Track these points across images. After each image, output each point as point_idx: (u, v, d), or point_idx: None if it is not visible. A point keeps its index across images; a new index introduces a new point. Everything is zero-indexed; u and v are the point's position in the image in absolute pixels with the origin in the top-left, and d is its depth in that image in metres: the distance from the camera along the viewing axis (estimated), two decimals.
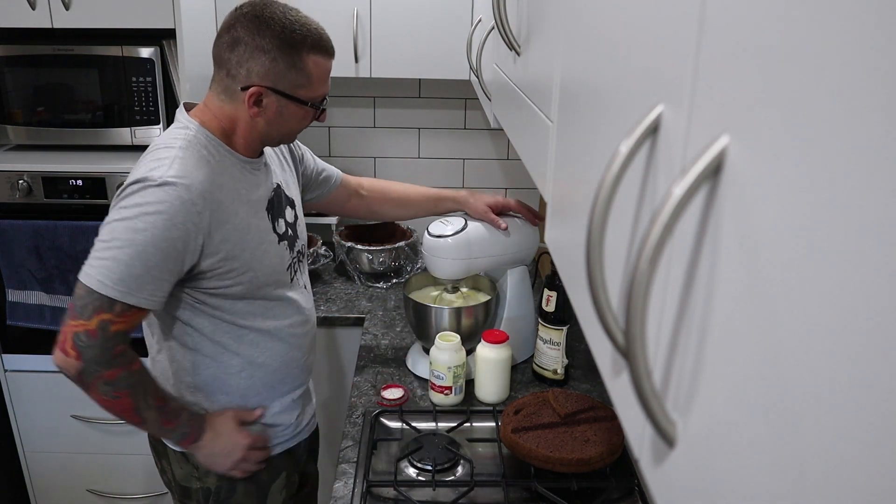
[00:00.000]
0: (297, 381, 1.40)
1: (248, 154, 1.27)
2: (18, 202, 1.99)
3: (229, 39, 1.17)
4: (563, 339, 1.61)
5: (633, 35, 0.47)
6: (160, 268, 1.12)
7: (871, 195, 0.22)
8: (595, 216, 0.40)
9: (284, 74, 1.18)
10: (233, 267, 1.21)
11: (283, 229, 1.33)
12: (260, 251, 1.25)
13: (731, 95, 0.32)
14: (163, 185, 1.10)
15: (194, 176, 1.13)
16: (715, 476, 0.33)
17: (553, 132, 0.76)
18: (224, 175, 1.20)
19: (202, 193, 1.13)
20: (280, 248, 1.31)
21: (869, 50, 0.22)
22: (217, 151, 1.21)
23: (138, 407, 1.19)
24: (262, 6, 1.18)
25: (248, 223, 1.23)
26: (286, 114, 1.22)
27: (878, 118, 0.21)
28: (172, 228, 1.11)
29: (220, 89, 1.22)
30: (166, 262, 1.12)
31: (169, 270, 1.13)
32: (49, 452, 2.22)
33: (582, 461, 1.26)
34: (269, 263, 1.28)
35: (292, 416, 1.41)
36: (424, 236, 1.63)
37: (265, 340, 1.31)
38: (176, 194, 1.11)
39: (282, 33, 1.16)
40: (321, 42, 1.21)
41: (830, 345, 0.24)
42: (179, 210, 1.11)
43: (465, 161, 2.50)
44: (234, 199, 1.20)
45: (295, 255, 1.37)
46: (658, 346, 0.41)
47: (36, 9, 1.87)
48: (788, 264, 0.27)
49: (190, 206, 1.12)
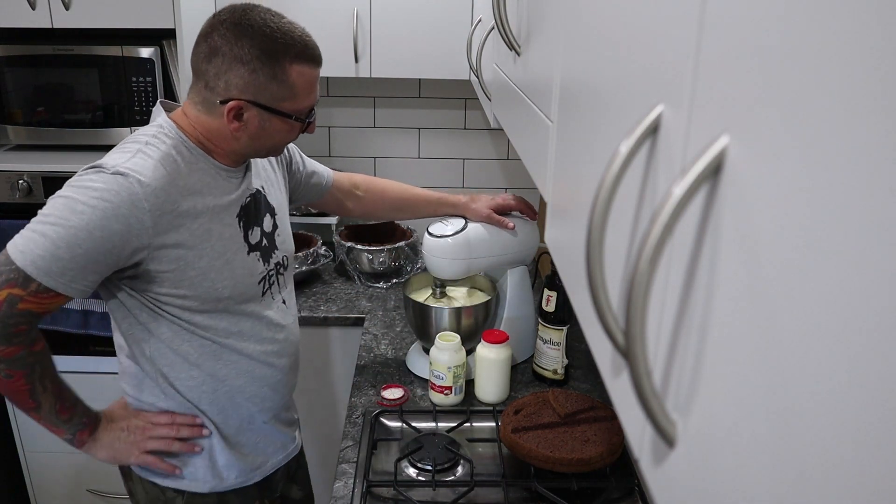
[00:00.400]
0: (268, 403, 1.31)
1: (226, 163, 1.20)
2: (18, 202, 1.99)
3: (207, 49, 1.10)
4: (563, 339, 1.61)
5: (633, 35, 0.47)
6: (88, 257, 1.03)
7: (870, 195, 0.22)
8: (595, 216, 0.40)
9: (266, 87, 1.10)
10: (186, 275, 1.13)
11: (256, 239, 1.25)
12: (221, 261, 1.17)
13: (731, 95, 0.32)
14: (116, 174, 1.04)
15: (151, 173, 1.07)
16: (715, 476, 0.33)
17: (553, 132, 0.76)
18: (191, 178, 1.13)
19: (155, 191, 1.06)
20: (250, 260, 1.23)
21: (869, 50, 0.22)
22: (190, 154, 1.15)
23: (33, 390, 1.11)
24: (242, 12, 1.10)
25: (209, 230, 1.15)
26: (269, 128, 1.15)
27: (878, 118, 0.21)
28: (113, 220, 1.03)
29: (198, 100, 1.15)
30: (97, 253, 1.04)
31: (97, 262, 1.05)
32: (49, 452, 2.22)
33: (582, 461, 1.26)
34: (233, 275, 1.19)
35: (254, 438, 1.32)
36: (424, 236, 1.63)
37: (228, 354, 1.23)
38: (126, 185, 1.04)
39: (262, 42, 1.08)
40: (306, 50, 1.13)
41: (830, 344, 0.24)
42: (125, 202, 1.04)
43: (465, 161, 2.50)
44: (196, 204, 1.13)
45: (271, 267, 1.29)
46: (658, 346, 0.41)
47: (36, 9, 1.87)
48: (788, 264, 0.27)
49: (138, 201, 1.05)
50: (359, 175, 1.62)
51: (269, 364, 1.29)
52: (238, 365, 1.25)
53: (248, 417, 1.29)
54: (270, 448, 1.35)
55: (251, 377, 1.27)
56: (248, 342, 1.25)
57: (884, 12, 0.21)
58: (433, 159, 2.50)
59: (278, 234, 1.31)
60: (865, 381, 0.22)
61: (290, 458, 1.41)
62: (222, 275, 1.17)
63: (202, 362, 1.21)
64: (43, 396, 1.12)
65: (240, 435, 1.29)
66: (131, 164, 1.06)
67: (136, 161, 1.07)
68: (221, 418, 1.26)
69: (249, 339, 1.25)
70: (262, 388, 1.29)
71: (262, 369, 1.28)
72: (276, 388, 1.31)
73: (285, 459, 1.39)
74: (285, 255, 1.34)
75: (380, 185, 1.63)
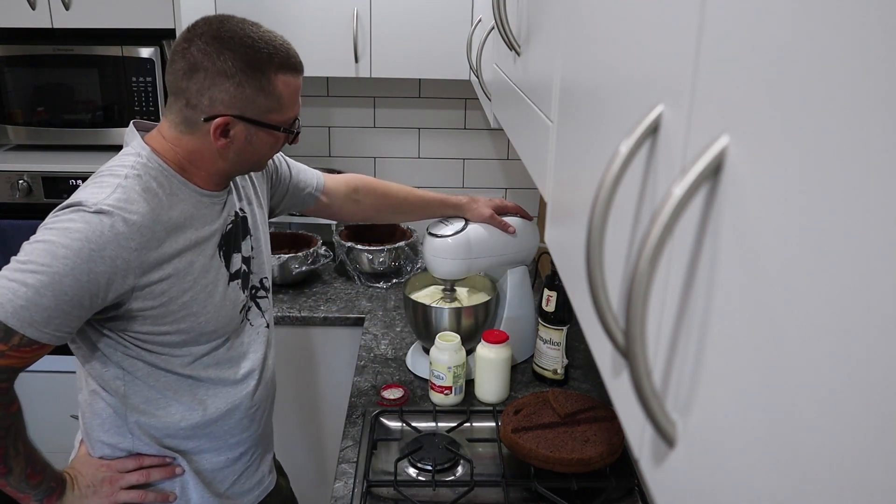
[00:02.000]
0: (245, 434, 1.26)
1: (208, 187, 1.14)
2: (18, 202, 1.99)
3: (185, 66, 1.04)
4: (563, 339, 1.61)
5: (633, 35, 0.47)
6: (73, 302, 0.98)
7: (870, 195, 0.22)
8: (595, 216, 0.40)
9: (253, 100, 1.05)
10: (169, 311, 1.08)
11: (237, 266, 1.20)
12: (204, 294, 1.12)
13: (731, 95, 0.32)
14: (98, 212, 0.99)
15: (135, 208, 1.02)
16: (715, 476, 0.33)
17: (553, 132, 0.76)
18: (173, 210, 1.08)
19: (140, 229, 1.01)
20: (231, 290, 1.18)
21: (869, 50, 0.22)
22: (169, 183, 1.09)
23: (6, 454, 1.04)
24: (219, 24, 1.05)
25: (192, 263, 1.10)
26: (256, 142, 1.10)
27: (878, 118, 0.21)
28: (98, 261, 0.98)
29: (178, 120, 1.08)
30: (82, 298, 0.99)
31: (82, 306, 1.00)
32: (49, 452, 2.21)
33: (582, 461, 1.26)
34: (215, 307, 1.14)
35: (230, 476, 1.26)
36: (425, 236, 1.63)
37: (206, 388, 1.19)
38: (110, 224, 0.99)
39: (245, 54, 1.03)
40: (289, 59, 1.08)
41: (830, 344, 0.24)
42: (110, 242, 0.99)
43: (465, 161, 2.50)
44: (179, 238, 1.08)
45: (249, 292, 1.24)
46: (658, 346, 0.41)
47: (36, 9, 1.87)
48: (788, 264, 0.27)
49: (124, 240, 1.00)
50: (356, 178, 1.56)
51: (246, 395, 1.24)
52: (217, 398, 1.20)
53: (224, 450, 1.24)
54: (247, 484, 1.30)
55: (229, 408, 1.22)
56: (226, 372, 1.20)
57: (884, 12, 0.21)
58: (433, 159, 2.50)
59: (254, 257, 1.26)
60: (866, 381, 0.22)
61: (266, 493, 1.35)
62: (205, 308, 1.13)
63: (179, 397, 1.16)
64: (14, 461, 1.05)
65: (215, 471, 1.24)
66: (113, 199, 1.01)
67: (118, 196, 1.01)
68: (196, 453, 1.21)
69: (227, 370, 1.21)
70: (240, 419, 1.24)
71: (239, 399, 1.23)
72: (253, 418, 1.27)
73: (261, 496, 1.33)
74: (263, 278, 1.29)
75: (380, 189, 1.58)
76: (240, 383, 1.23)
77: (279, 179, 1.40)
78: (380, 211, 1.59)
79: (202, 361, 1.17)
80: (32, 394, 2.16)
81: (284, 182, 1.41)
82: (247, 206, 1.26)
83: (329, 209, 1.51)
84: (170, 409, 1.17)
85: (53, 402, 2.14)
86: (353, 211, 1.55)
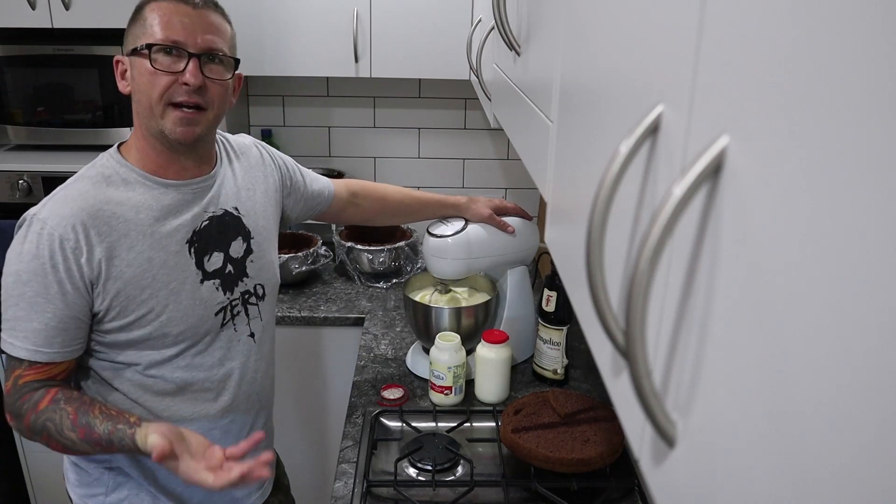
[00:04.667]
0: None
1: (168, 173, 1.12)
2: (18, 202, 1.99)
3: None
4: (563, 339, 1.61)
5: (633, 35, 0.47)
6: (60, 317, 1.03)
7: (871, 195, 0.22)
8: (595, 216, 0.40)
9: (130, 33, 1.09)
10: (129, 310, 1.08)
11: (217, 265, 1.16)
12: (166, 292, 1.10)
13: (731, 95, 0.32)
14: (32, 224, 1.03)
15: (70, 206, 1.03)
16: (715, 476, 0.33)
17: (553, 132, 0.76)
18: (124, 205, 1.07)
19: (74, 227, 1.03)
20: (205, 289, 1.14)
21: (869, 49, 0.22)
22: (126, 177, 1.10)
23: (66, 446, 1.06)
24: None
25: (150, 258, 1.08)
26: (137, 77, 1.08)
27: (879, 117, 0.21)
28: (54, 272, 1.02)
29: None
30: (67, 308, 1.03)
31: (74, 318, 1.04)
32: (49, 452, 2.22)
33: (582, 461, 1.26)
34: (182, 308, 1.12)
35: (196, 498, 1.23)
36: (425, 236, 1.63)
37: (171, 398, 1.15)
38: (46, 234, 1.02)
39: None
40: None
41: (831, 344, 0.24)
42: (56, 250, 1.02)
43: (465, 161, 2.50)
44: (133, 230, 1.07)
45: (236, 296, 1.20)
46: (658, 346, 0.41)
47: (36, 9, 1.87)
48: (788, 264, 0.27)
49: (64, 242, 1.02)
50: (355, 182, 1.57)
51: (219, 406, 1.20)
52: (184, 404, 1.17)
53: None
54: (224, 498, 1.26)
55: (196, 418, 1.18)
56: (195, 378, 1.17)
57: (884, 12, 0.21)
58: (433, 159, 2.50)
59: (252, 261, 1.23)
60: (866, 380, 0.22)
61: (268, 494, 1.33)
62: (168, 308, 1.10)
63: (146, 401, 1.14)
64: (80, 445, 1.05)
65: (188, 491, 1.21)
66: (49, 206, 1.04)
67: (55, 200, 1.05)
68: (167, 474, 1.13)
69: (198, 376, 1.17)
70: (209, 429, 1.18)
71: (208, 409, 1.19)
72: (227, 430, 1.22)
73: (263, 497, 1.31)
74: (259, 284, 1.25)
75: (379, 192, 1.58)
76: (209, 392, 1.19)
77: (294, 187, 1.40)
78: (379, 213, 1.59)
79: (171, 364, 1.14)
80: None
81: (299, 190, 1.41)
82: (247, 208, 1.23)
83: (331, 213, 1.52)
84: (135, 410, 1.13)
85: None
86: (353, 214, 1.55)
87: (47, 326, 1.03)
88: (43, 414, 1.05)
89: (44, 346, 1.04)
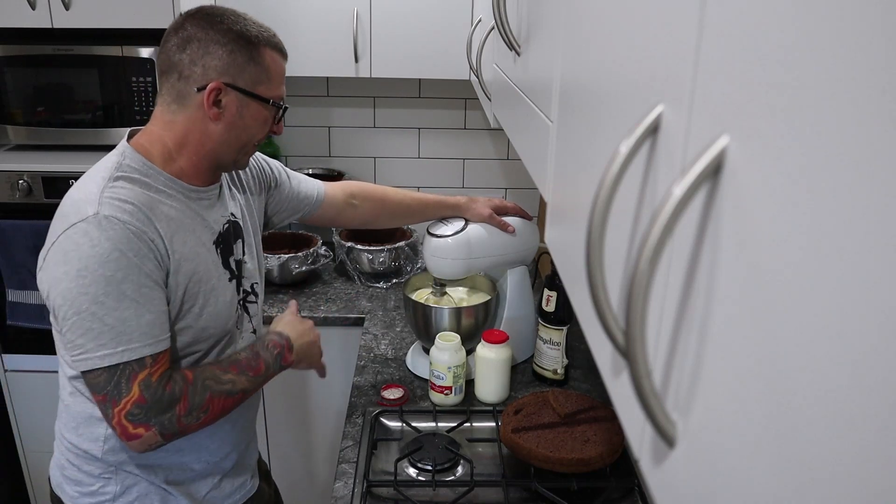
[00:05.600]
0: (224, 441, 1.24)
1: (196, 181, 1.13)
2: (18, 202, 1.99)
3: (178, 40, 1.07)
4: (563, 339, 1.61)
5: (633, 35, 0.47)
6: (164, 300, 1.04)
7: (871, 195, 0.22)
8: (595, 216, 0.40)
9: (244, 68, 1.07)
10: (190, 306, 1.10)
11: (233, 266, 1.21)
12: (208, 287, 1.13)
13: (731, 95, 0.32)
14: (101, 224, 0.99)
15: (131, 202, 1.02)
16: (715, 476, 0.33)
17: (553, 132, 0.76)
18: (165, 204, 1.08)
19: (144, 220, 1.02)
20: (230, 288, 1.19)
21: (869, 49, 0.22)
22: (155, 179, 1.09)
23: (229, 392, 1.10)
24: (211, 8, 1.10)
25: (198, 253, 1.11)
26: (247, 116, 1.10)
27: (879, 117, 0.21)
28: (143, 262, 1.01)
29: (170, 99, 1.09)
30: (164, 293, 1.04)
31: (162, 299, 1.05)
32: (49, 452, 2.22)
33: (582, 461, 1.26)
34: (219, 304, 1.15)
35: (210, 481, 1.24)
36: (424, 236, 1.63)
37: None
38: (121, 229, 1.00)
39: (236, 28, 1.07)
40: (276, 40, 1.13)
41: (831, 345, 0.24)
42: (137, 243, 1.01)
43: (465, 161, 2.50)
44: (181, 227, 1.08)
45: (240, 296, 1.23)
46: (658, 346, 0.41)
47: (36, 9, 1.87)
48: (788, 264, 0.27)
49: (142, 234, 1.01)
50: (353, 183, 1.57)
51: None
52: None
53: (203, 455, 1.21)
54: (227, 489, 1.27)
55: None
56: None
57: (884, 12, 0.21)
58: (433, 159, 2.50)
59: (246, 262, 1.26)
60: (866, 380, 0.22)
61: (247, 498, 1.32)
62: (209, 302, 1.13)
63: None
64: (240, 383, 1.11)
65: (194, 477, 1.22)
66: (106, 204, 1.01)
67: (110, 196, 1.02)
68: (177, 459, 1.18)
69: None
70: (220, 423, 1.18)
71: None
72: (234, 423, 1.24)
73: (242, 499, 1.31)
74: (253, 283, 1.28)
75: (378, 193, 1.57)
76: None
77: (278, 189, 1.40)
78: (378, 216, 1.58)
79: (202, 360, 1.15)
80: (32, 394, 2.16)
81: (283, 191, 1.41)
82: (240, 211, 1.26)
83: (327, 216, 1.51)
84: None
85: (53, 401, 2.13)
86: (351, 216, 1.54)
87: (159, 313, 1.03)
88: (197, 381, 1.07)
89: (161, 334, 1.04)
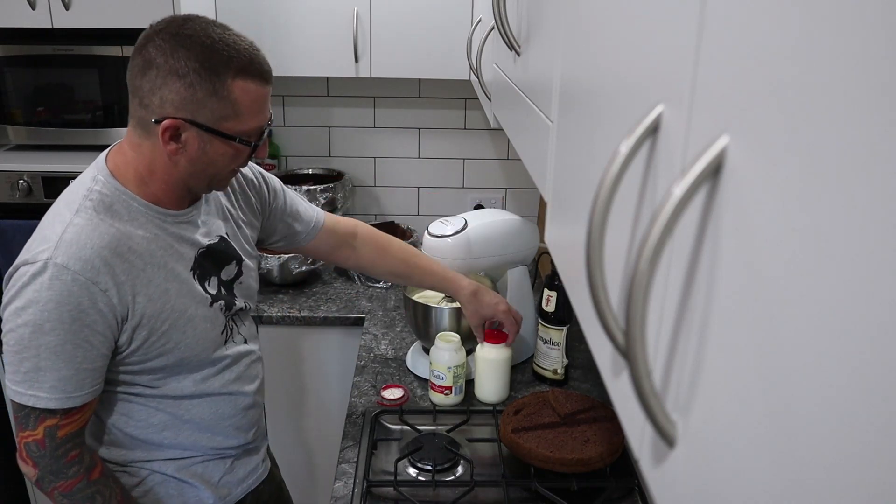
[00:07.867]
0: (230, 440, 1.23)
1: (171, 206, 1.08)
2: (18, 202, 1.99)
3: (141, 62, 0.98)
4: (563, 339, 1.61)
5: (633, 35, 0.47)
6: (90, 358, 1.00)
7: (871, 195, 0.22)
8: (595, 216, 0.40)
9: (204, 104, 0.97)
10: (153, 342, 1.06)
11: (214, 290, 1.15)
12: (183, 320, 1.08)
13: (731, 95, 0.32)
14: (51, 270, 0.95)
15: (90, 246, 0.97)
16: (715, 476, 0.33)
17: (553, 132, 0.76)
18: (134, 238, 1.02)
19: (100, 268, 0.97)
20: (212, 312, 1.14)
21: (869, 49, 0.22)
22: (128, 206, 1.04)
23: None
24: (181, 22, 0.99)
25: (167, 290, 1.06)
26: (211, 152, 1.02)
27: (879, 117, 0.21)
28: (84, 316, 0.97)
29: (135, 122, 1.03)
30: (95, 350, 1.00)
31: (102, 356, 1.01)
32: None
33: (582, 461, 1.26)
34: (197, 333, 1.11)
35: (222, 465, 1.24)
36: (424, 236, 1.63)
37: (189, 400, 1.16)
38: (71, 279, 0.95)
39: (201, 54, 0.96)
40: (252, 65, 1.00)
41: (830, 345, 0.24)
42: (84, 294, 0.96)
43: (465, 161, 2.50)
44: (148, 264, 1.03)
45: (232, 313, 1.20)
46: (658, 346, 0.41)
47: (36, 9, 1.87)
48: (788, 264, 0.27)
49: (93, 284, 0.97)
50: (359, 224, 1.47)
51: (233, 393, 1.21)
52: (202, 405, 1.17)
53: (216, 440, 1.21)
54: (241, 472, 1.27)
55: (216, 413, 1.19)
56: (213, 384, 1.17)
57: (884, 12, 0.21)
58: (433, 159, 2.50)
59: (240, 282, 1.22)
60: (866, 380, 0.22)
61: (260, 481, 1.32)
62: (186, 335, 1.09)
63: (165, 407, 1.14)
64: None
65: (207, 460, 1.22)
66: (63, 249, 0.96)
67: (68, 241, 0.97)
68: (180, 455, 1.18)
69: (214, 382, 1.18)
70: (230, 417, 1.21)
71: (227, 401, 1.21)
72: (238, 426, 1.24)
73: (254, 483, 1.30)
74: (247, 301, 1.25)
75: (381, 241, 1.47)
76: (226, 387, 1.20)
77: (276, 208, 1.33)
78: (375, 264, 1.48)
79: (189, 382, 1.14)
80: None
81: (279, 208, 1.34)
82: (234, 229, 1.22)
83: (322, 249, 1.43)
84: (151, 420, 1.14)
85: None
86: (346, 256, 1.45)
87: (78, 370, 0.99)
88: (95, 484, 1.05)
89: (75, 391, 1.00)
